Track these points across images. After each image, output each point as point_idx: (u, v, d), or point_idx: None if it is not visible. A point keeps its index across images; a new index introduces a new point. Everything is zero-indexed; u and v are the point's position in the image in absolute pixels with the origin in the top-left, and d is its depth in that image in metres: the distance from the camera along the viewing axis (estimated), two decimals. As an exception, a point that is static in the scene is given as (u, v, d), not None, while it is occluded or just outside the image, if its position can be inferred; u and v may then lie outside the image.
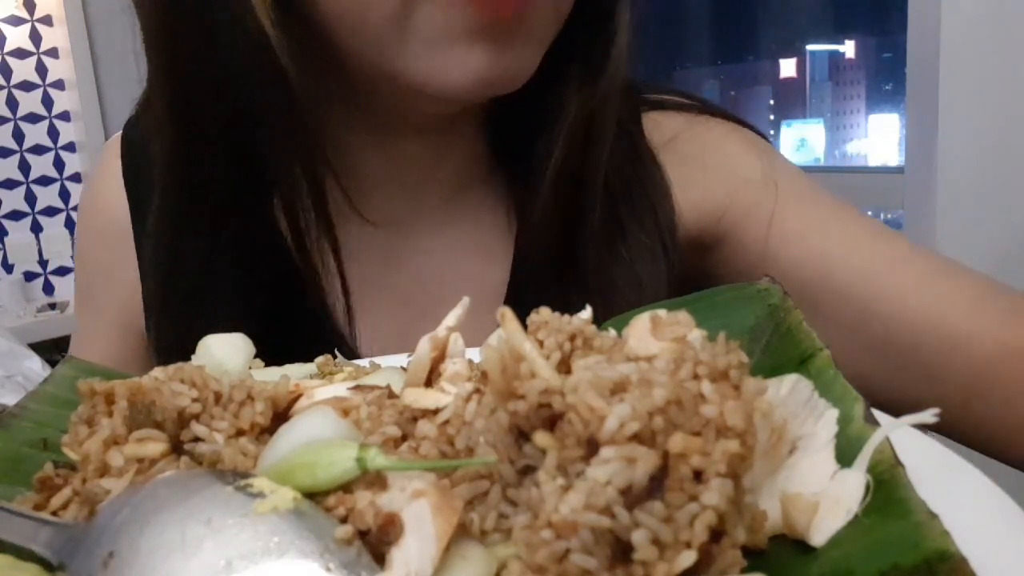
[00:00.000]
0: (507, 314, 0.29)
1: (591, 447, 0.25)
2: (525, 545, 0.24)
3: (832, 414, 0.32)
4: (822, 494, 0.28)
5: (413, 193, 0.61)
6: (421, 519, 0.26)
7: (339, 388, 0.36)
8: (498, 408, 0.29)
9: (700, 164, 0.61)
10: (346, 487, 0.28)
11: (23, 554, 0.29)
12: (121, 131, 0.67)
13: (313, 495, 0.28)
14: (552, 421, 0.27)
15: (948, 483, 0.29)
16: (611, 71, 0.55)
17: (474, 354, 0.36)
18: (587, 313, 0.36)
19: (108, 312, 0.67)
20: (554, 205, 0.56)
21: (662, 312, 0.34)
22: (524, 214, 0.59)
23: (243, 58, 0.50)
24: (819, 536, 0.27)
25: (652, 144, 0.62)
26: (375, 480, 0.28)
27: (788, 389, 0.32)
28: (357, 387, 0.36)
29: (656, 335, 0.32)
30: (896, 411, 0.32)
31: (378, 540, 0.27)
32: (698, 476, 0.24)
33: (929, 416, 0.28)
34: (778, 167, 0.61)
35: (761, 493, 0.29)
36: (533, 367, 0.28)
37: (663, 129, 0.62)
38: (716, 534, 0.24)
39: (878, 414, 0.32)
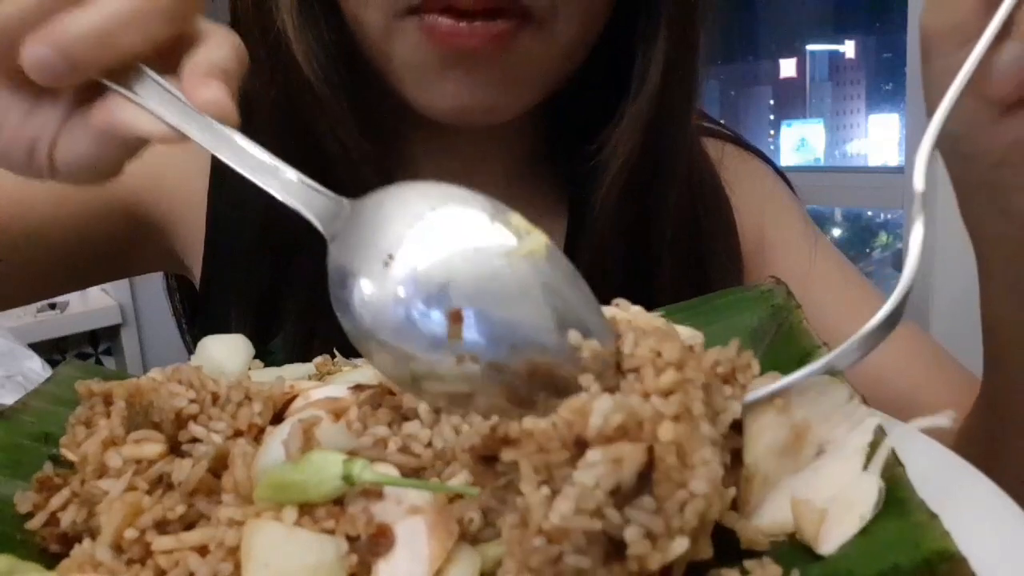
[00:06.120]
0: None
1: (579, 447, 0.25)
2: (518, 548, 0.24)
3: (871, 422, 0.30)
4: (834, 499, 0.28)
5: (459, 183, 0.63)
6: (416, 537, 0.26)
7: (334, 388, 0.36)
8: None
9: (736, 190, 0.65)
10: (338, 499, 0.28)
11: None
12: None
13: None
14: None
15: (949, 484, 0.29)
16: (649, 89, 0.55)
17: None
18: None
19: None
20: (613, 221, 0.58)
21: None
22: (575, 214, 0.62)
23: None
24: (828, 545, 0.27)
25: None
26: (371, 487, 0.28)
27: (819, 391, 0.31)
28: (356, 386, 0.36)
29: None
30: None
31: (367, 550, 0.26)
32: (682, 461, 0.24)
33: (944, 420, 0.28)
34: (803, 210, 0.67)
35: (777, 490, 0.29)
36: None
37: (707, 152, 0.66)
38: None
39: (887, 417, 0.32)
